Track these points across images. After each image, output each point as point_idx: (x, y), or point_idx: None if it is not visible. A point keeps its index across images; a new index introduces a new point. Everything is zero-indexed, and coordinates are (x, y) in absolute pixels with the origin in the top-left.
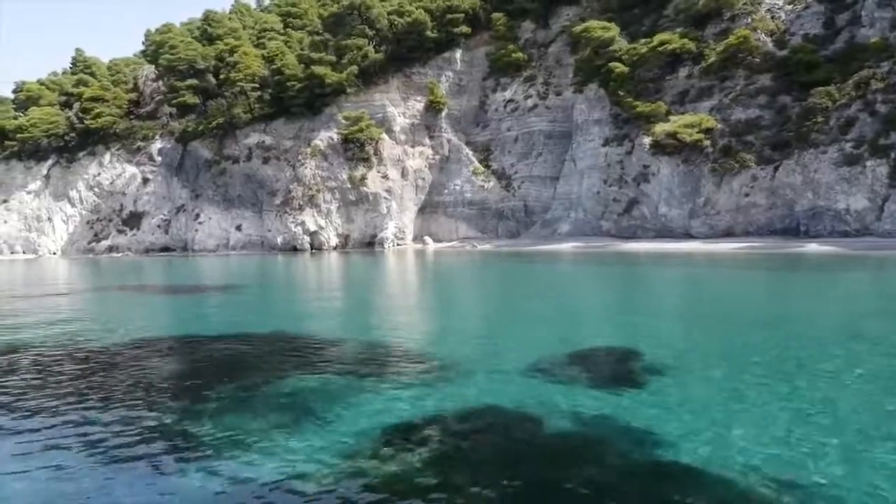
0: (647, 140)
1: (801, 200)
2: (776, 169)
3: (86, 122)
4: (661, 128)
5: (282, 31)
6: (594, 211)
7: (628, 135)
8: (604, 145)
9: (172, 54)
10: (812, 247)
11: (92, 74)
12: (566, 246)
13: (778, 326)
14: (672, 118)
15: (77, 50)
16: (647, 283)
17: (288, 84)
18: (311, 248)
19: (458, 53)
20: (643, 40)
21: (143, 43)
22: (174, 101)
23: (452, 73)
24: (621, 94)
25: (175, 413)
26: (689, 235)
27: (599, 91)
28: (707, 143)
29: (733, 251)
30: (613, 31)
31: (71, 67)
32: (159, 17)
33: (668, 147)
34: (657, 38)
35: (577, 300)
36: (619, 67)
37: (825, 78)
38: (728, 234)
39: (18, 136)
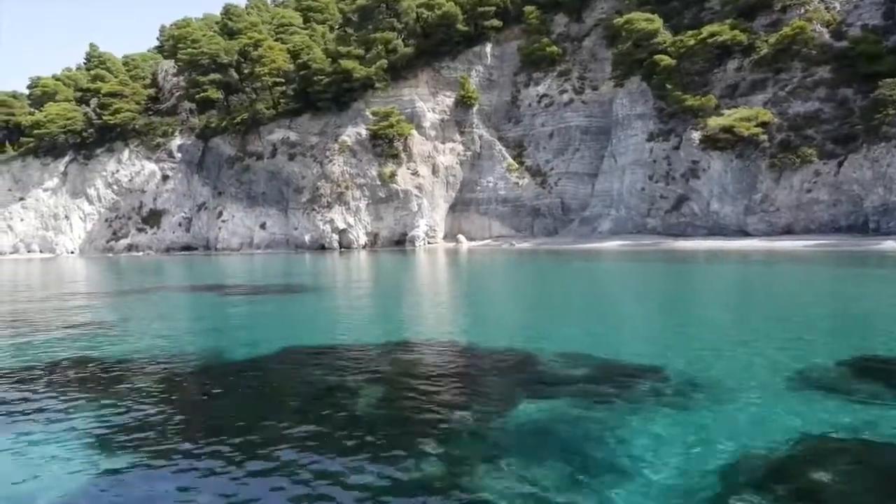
0: (696, 135)
1: (870, 196)
2: (840, 164)
3: (104, 117)
4: (715, 121)
5: (300, 26)
6: (638, 208)
7: (674, 129)
8: (648, 140)
9: (195, 48)
10: (889, 244)
11: (107, 70)
12: (612, 244)
13: None
14: (726, 112)
15: (91, 45)
16: (761, 282)
17: (315, 79)
18: (340, 247)
19: (489, 48)
20: (690, 32)
21: (157, 38)
22: (197, 97)
23: (483, 68)
24: (669, 87)
25: (404, 460)
26: (743, 233)
27: (642, 85)
28: (764, 137)
29: (800, 249)
30: (657, 23)
31: (85, 63)
32: (164, 15)
33: (721, 142)
34: (706, 30)
35: (738, 300)
36: (665, 60)
37: (889, 69)
38: (787, 231)
39: (35, 132)
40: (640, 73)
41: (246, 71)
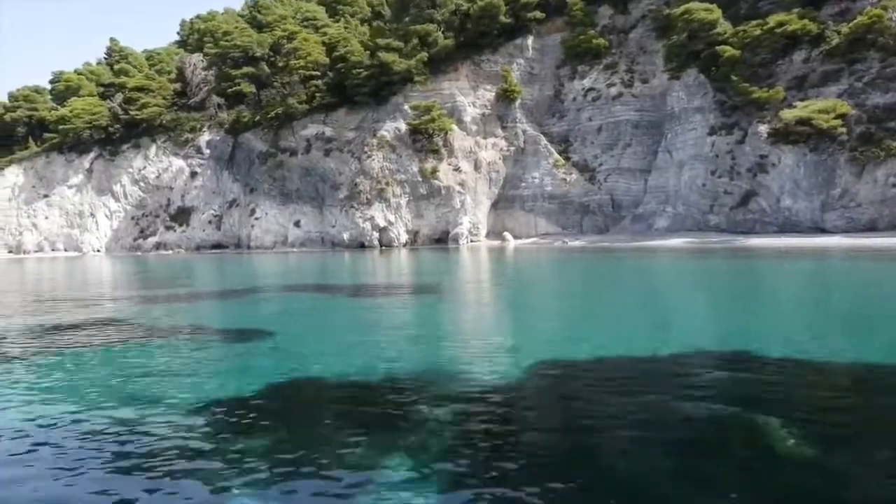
0: (763, 128)
1: None
2: None
3: (130, 112)
4: (790, 114)
5: (325, 21)
6: (699, 204)
7: (738, 123)
8: (710, 134)
9: (227, 41)
10: None
11: (129, 65)
12: (676, 241)
13: None
14: (798, 104)
15: (111, 40)
16: (870, 280)
17: (353, 72)
18: (380, 245)
19: (530, 40)
20: (754, 22)
21: (178, 33)
22: (229, 91)
23: (524, 61)
24: (734, 78)
25: None
26: (819, 230)
27: (699, 77)
28: (842, 130)
29: (888, 246)
30: (716, 13)
31: (105, 58)
32: (172, 10)
33: (793, 135)
34: (773, 19)
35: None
36: (729, 51)
37: None
38: (870, 228)
39: (61, 127)
40: (696, 66)
41: (280, 64)
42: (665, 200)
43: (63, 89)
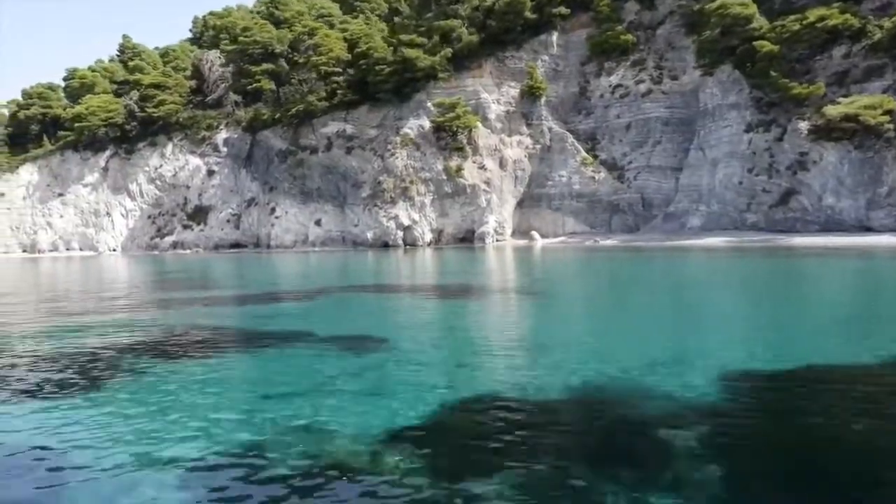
0: (803, 125)
1: None
2: None
3: (147, 110)
4: (834, 110)
5: (339, 16)
6: (735, 203)
7: (776, 119)
8: (746, 131)
9: (247, 37)
10: None
11: (142, 62)
12: (713, 241)
13: None
14: (842, 101)
15: (124, 36)
16: None
17: (376, 68)
18: (405, 244)
19: (555, 36)
20: (792, 16)
21: (190, 30)
22: (249, 87)
23: (548, 58)
24: (774, 74)
25: None
26: (865, 228)
27: (734, 73)
28: (889, 126)
29: None
30: (752, 7)
31: (118, 55)
32: (180, 8)
33: (836, 132)
34: (813, 14)
35: None
36: (767, 46)
37: None
38: None
39: (77, 125)
40: (731, 62)
41: (300, 61)
42: (698, 199)
43: (78, 86)
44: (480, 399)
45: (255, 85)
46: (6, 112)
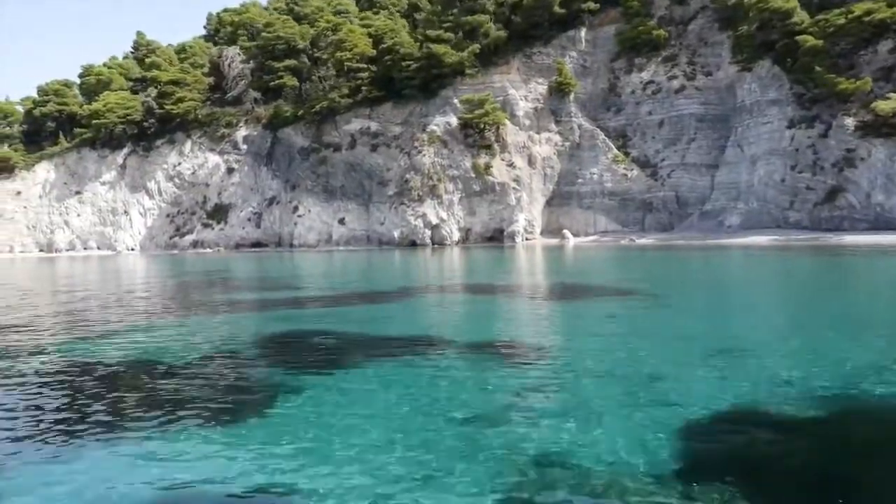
0: (849, 121)
1: None
2: None
3: (166, 107)
4: (886, 105)
5: (356, 12)
6: (777, 200)
7: (820, 115)
8: (788, 128)
9: (270, 32)
10: None
11: (158, 58)
12: (758, 239)
13: None
14: (893, 95)
15: (138, 33)
16: None
17: (402, 64)
18: (433, 243)
19: (583, 32)
20: (836, 11)
21: (205, 27)
22: (271, 84)
23: (576, 54)
24: (818, 69)
25: None
26: None
27: (773, 68)
28: None
29: None
30: (792, 1)
31: (132, 52)
32: (190, 7)
33: (885, 128)
34: (860, 8)
35: None
36: (811, 41)
37: None
38: None
39: (94, 122)
40: (769, 57)
41: (324, 57)
42: (736, 197)
43: (94, 83)
44: (731, 417)
45: (277, 81)
46: (21, 109)
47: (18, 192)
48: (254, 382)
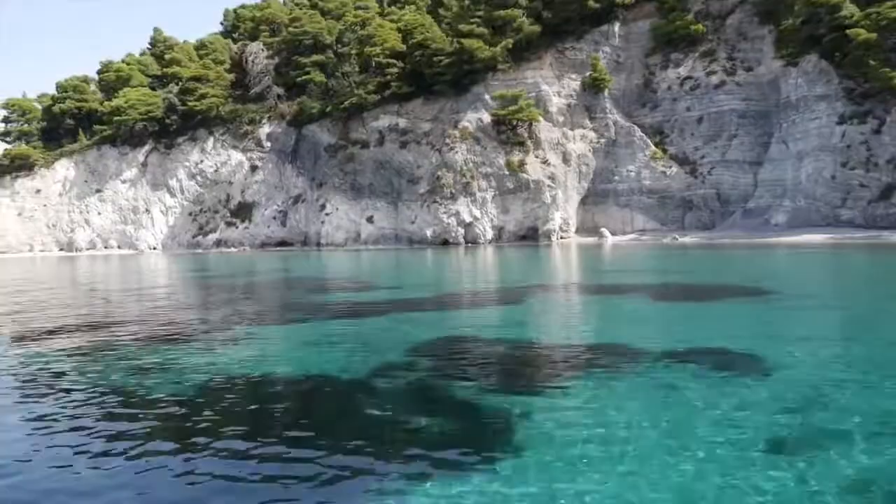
0: None
1: None
2: None
3: (189, 103)
4: None
5: (378, 7)
6: (827, 198)
7: (872, 111)
8: (839, 123)
9: (296, 27)
10: None
11: (176, 54)
12: (811, 237)
13: None
14: None
15: (156, 29)
16: None
17: (434, 59)
18: (466, 242)
19: (616, 27)
20: (889, 3)
21: (221, 23)
22: (299, 79)
23: (610, 49)
24: (872, 63)
25: None
26: None
27: (821, 63)
28: None
29: None
30: None
31: (149, 48)
32: (203, 4)
33: None
34: None
35: None
36: (863, 34)
37: None
38: None
39: (116, 118)
40: (816, 51)
41: (352, 52)
42: (782, 194)
43: (113, 79)
44: None
45: (305, 77)
46: (39, 106)
47: (38, 190)
48: (466, 401)
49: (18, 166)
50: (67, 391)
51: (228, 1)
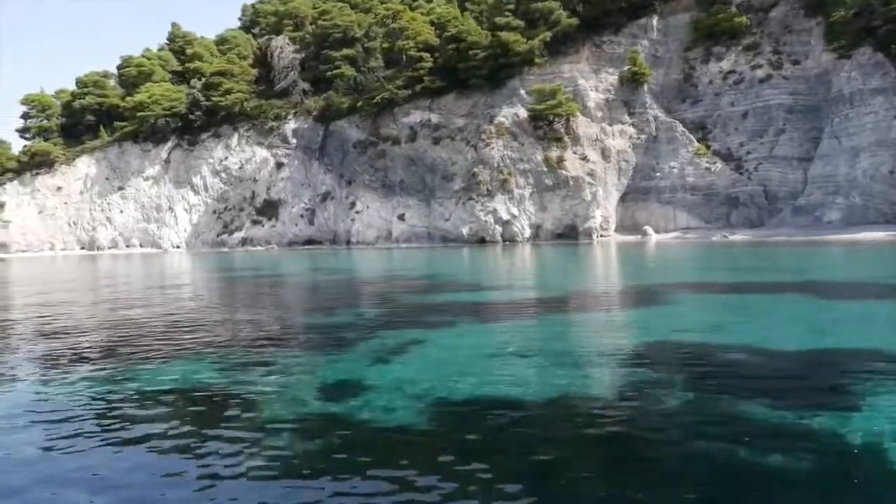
0: None
1: None
2: None
3: (213, 99)
4: None
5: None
6: (885, 195)
7: None
8: None
9: (326, 20)
10: None
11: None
12: (873, 235)
13: None
14: None
15: (174, 25)
16: None
17: (470, 53)
18: (503, 240)
19: (655, 20)
20: None
21: (239, 18)
22: (329, 74)
23: (648, 43)
24: None
25: None
26: None
27: (876, 56)
28: None
29: None
30: None
31: (167, 43)
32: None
33: None
34: None
35: None
36: None
37: None
38: None
39: (139, 114)
40: (869, 43)
41: (384, 45)
42: (834, 191)
43: (134, 74)
44: None
45: (335, 71)
46: (58, 102)
47: (59, 188)
48: (788, 426)
49: (39, 163)
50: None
51: None
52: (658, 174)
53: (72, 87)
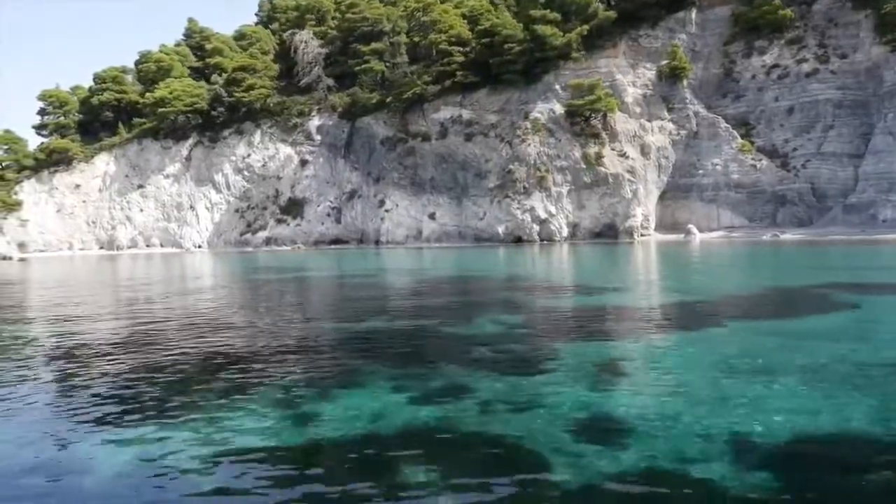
0: None
1: None
2: None
3: (235, 94)
4: None
5: None
6: None
7: None
8: None
9: (355, 13)
10: None
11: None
12: None
13: None
14: None
15: (190, 20)
16: None
17: (504, 47)
18: (540, 239)
19: (693, 13)
20: None
21: (256, 14)
22: (357, 68)
23: (686, 37)
24: None
25: None
26: None
27: None
28: None
29: None
30: None
31: (184, 39)
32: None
33: None
34: None
35: None
36: None
37: None
38: None
39: (159, 110)
40: None
41: (413, 39)
42: (888, 188)
43: (153, 70)
44: None
45: (363, 66)
46: (75, 98)
47: (77, 186)
48: None
49: (56, 161)
50: None
51: None
52: (700, 171)
53: (87, 83)
